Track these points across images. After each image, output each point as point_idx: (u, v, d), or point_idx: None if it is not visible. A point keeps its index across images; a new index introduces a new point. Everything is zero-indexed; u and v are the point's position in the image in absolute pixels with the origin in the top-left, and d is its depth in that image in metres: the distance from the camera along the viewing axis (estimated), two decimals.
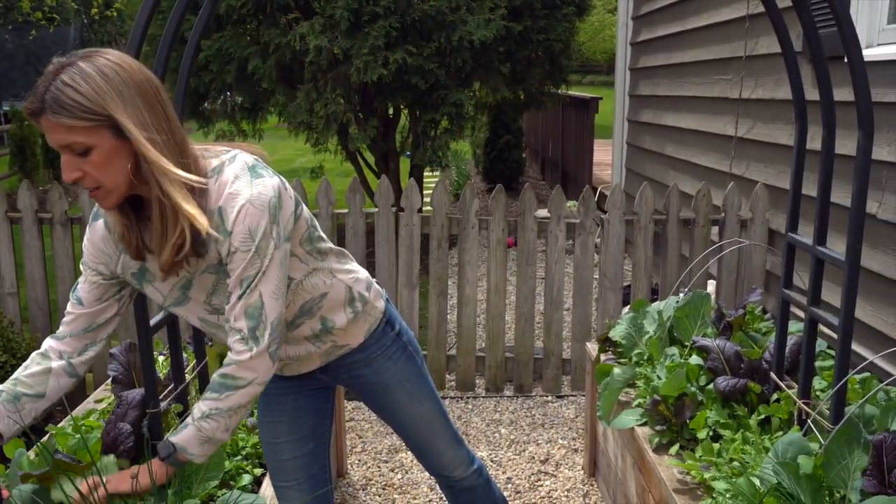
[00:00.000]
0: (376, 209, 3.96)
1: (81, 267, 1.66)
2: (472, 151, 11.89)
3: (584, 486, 3.17)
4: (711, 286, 4.10)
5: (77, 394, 3.28)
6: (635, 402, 2.55)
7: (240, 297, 1.50)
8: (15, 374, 1.64)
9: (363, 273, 1.84)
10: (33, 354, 1.66)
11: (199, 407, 1.57)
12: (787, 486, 1.64)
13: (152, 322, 1.99)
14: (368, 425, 3.72)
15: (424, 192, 7.41)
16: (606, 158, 9.96)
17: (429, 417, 1.95)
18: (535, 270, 4.02)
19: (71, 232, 3.86)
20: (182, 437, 1.58)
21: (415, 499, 3.08)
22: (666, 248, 4.00)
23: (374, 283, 1.86)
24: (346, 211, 3.96)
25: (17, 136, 9.41)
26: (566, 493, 3.12)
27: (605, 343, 2.97)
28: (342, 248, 1.81)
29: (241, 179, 1.48)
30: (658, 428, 2.38)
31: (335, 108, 5.84)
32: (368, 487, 3.17)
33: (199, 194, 1.47)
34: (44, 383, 1.63)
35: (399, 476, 3.25)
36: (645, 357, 2.73)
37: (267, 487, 2.09)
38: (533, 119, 12.34)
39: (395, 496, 3.10)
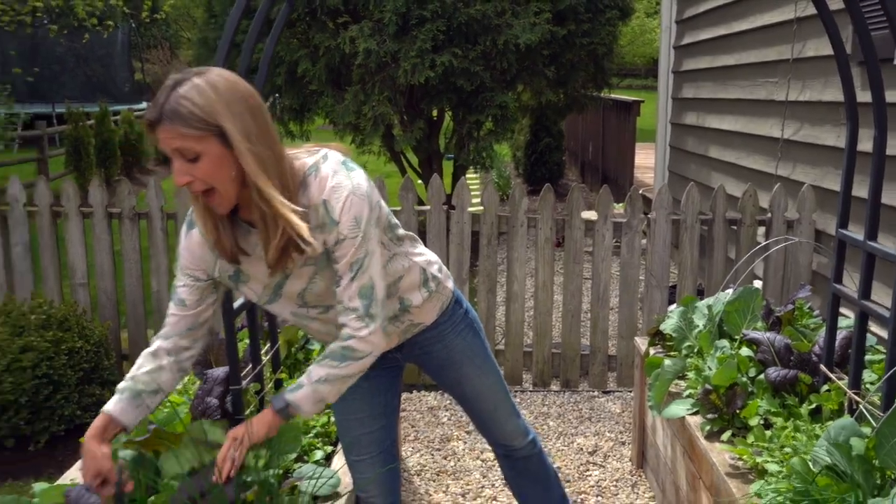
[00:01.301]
0: (428, 207, 4.09)
1: (178, 272, 1.77)
2: (512, 154, 11.99)
3: (632, 476, 3.25)
4: (757, 286, 4.14)
5: None
6: (686, 393, 2.63)
7: (352, 280, 1.64)
8: (131, 373, 1.76)
9: (433, 256, 1.98)
10: (144, 353, 1.78)
11: (316, 371, 1.69)
12: (840, 465, 1.72)
13: (235, 306, 2.13)
14: (420, 415, 3.84)
15: None
16: (646, 162, 9.98)
17: (494, 388, 2.10)
18: (582, 269, 4.11)
19: (138, 226, 4.05)
20: (298, 395, 1.71)
21: (468, 485, 3.19)
22: (712, 249, 4.06)
23: (443, 266, 1.99)
24: (398, 208, 4.09)
25: (72, 137, 9.75)
26: (615, 482, 3.21)
27: (655, 337, 3.06)
28: (412, 234, 1.94)
29: (340, 173, 1.62)
30: (709, 416, 2.46)
31: (382, 109, 5.98)
32: (423, 473, 3.28)
33: (300, 193, 1.60)
34: (158, 379, 1.76)
35: (452, 463, 3.37)
36: (695, 350, 2.81)
37: (337, 462, 2.22)
38: (572, 122, 12.39)
39: (449, 482, 3.21)
